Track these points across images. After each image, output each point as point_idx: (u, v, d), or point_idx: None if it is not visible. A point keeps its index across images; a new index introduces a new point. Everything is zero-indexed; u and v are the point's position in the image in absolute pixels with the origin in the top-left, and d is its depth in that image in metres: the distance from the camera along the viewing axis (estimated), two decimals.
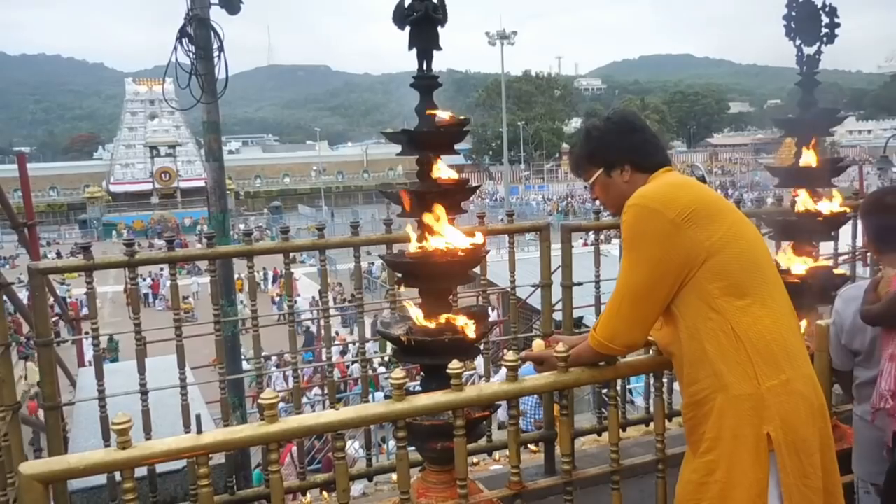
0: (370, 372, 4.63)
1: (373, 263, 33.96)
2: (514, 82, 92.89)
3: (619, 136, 2.34)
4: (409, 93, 3.05)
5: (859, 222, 4.08)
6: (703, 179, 4.45)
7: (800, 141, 4.10)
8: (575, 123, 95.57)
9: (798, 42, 4.19)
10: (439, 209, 2.80)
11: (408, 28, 2.90)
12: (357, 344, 3.97)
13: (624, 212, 2.18)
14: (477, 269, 3.40)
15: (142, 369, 3.50)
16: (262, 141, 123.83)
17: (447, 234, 2.82)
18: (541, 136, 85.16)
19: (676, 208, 2.09)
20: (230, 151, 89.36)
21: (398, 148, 2.99)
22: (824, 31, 4.12)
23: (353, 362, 16.29)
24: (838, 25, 4.11)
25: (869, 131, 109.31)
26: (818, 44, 4.14)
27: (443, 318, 2.85)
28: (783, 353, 2.08)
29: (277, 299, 29.56)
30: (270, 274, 35.27)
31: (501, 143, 55.99)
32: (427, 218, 2.79)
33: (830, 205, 3.99)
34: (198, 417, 3.56)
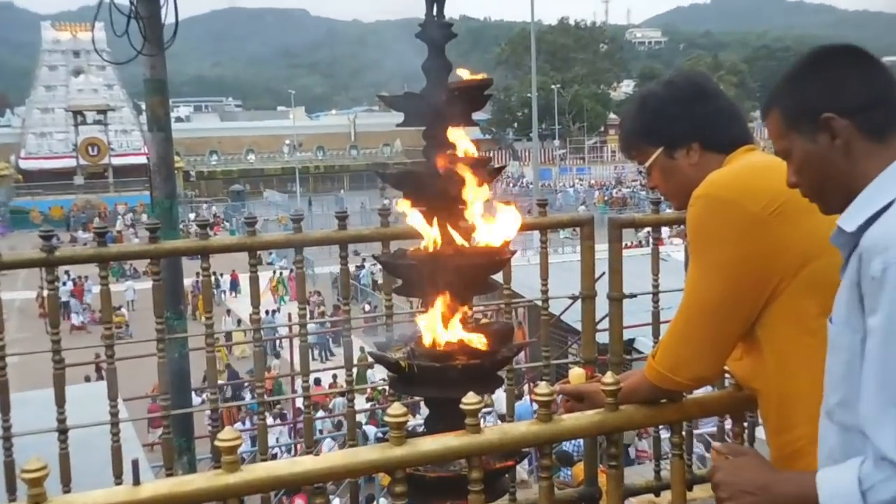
0: (360, 406, 4.64)
1: (360, 266, 34.09)
2: (546, 34, 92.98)
3: (685, 105, 2.34)
4: (411, 46, 3.05)
5: None
6: None
7: None
8: (626, 88, 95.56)
9: None
10: (455, 196, 2.81)
11: None
12: (346, 371, 3.98)
13: (691, 204, 2.17)
14: (499, 276, 3.40)
15: (60, 400, 3.52)
16: (219, 106, 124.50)
17: (463, 229, 2.82)
18: (581, 103, 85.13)
19: (761, 199, 2.09)
20: (178, 119, 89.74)
21: (395, 118, 3.00)
22: None
23: (339, 394, 16.39)
24: None
25: None
26: None
27: (455, 338, 2.86)
28: None
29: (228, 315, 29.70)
30: (227, 279, 35.34)
31: (529, 113, 56.05)
32: (435, 207, 2.80)
33: None
34: (134, 464, 3.58)
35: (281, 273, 34.66)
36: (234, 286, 35.63)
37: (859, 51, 1.72)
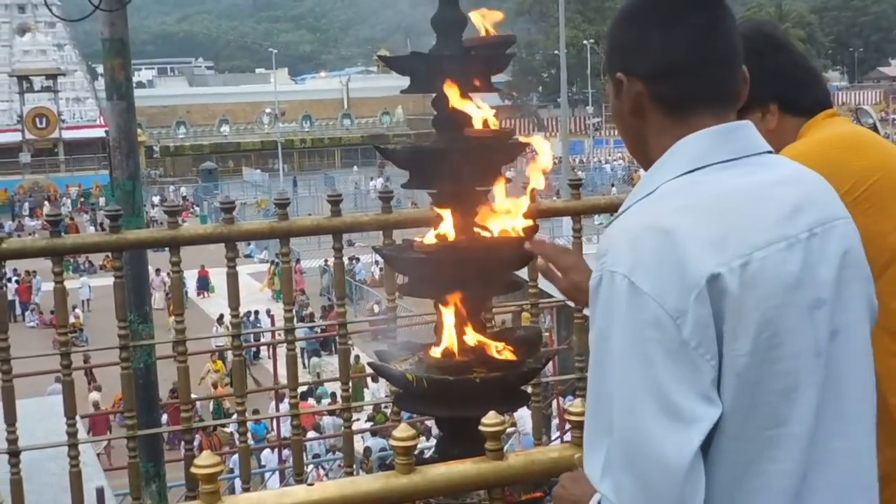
0: (357, 425, 4.66)
1: (356, 259, 34.12)
2: None
3: (759, 57, 2.29)
4: None
5: None
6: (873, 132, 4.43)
7: None
8: None
9: None
10: (472, 177, 2.81)
11: None
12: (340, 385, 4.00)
13: None
14: (523, 272, 3.41)
15: (10, 417, 3.54)
16: (187, 69, 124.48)
17: (482, 216, 2.83)
18: None
19: (846, 179, 2.07)
20: (140, 84, 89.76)
21: (397, 81, 3.01)
22: None
23: (330, 412, 16.44)
24: None
25: None
26: None
27: (472, 347, 2.87)
28: None
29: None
30: (192, 275, 34.53)
31: (557, 74, 55.76)
32: (449, 190, 2.80)
33: None
34: (98, 493, 3.60)
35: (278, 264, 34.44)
36: (204, 284, 34.81)
37: (681, 3, 1.58)
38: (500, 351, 2.85)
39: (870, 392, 1.56)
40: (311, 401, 18.17)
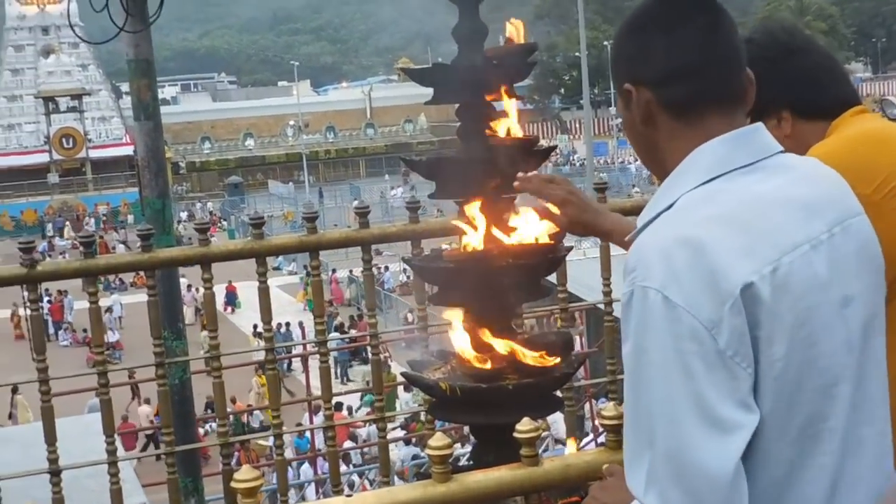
0: (392, 434, 4.68)
1: (385, 268, 34.18)
2: None
3: (770, 65, 2.30)
4: (432, 3, 3.07)
5: None
6: None
7: None
8: None
9: None
10: (499, 185, 2.83)
11: None
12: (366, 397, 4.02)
13: None
14: (552, 276, 3.42)
15: (51, 437, 3.59)
16: (210, 84, 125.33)
17: (510, 224, 2.84)
18: None
19: (874, 178, 2.08)
20: (164, 101, 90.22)
21: (418, 89, 3.03)
22: None
23: (366, 422, 16.46)
24: None
25: None
26: None
27: (504, 352, 2.88)
28: None
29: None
30: (220, 290, 34.90)
31: (578, 76, 55.65)
32: (476, 199, 2.82)
33: None
34: None
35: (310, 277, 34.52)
36: (231, 299, 34.79)
37: (680, 8, 1.61)
38: (532, 357, 2.86)
39: (885, 375, 1.59)
40: (344, 412, 18.23)
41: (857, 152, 2.14)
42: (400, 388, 18.11)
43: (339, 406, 18.41)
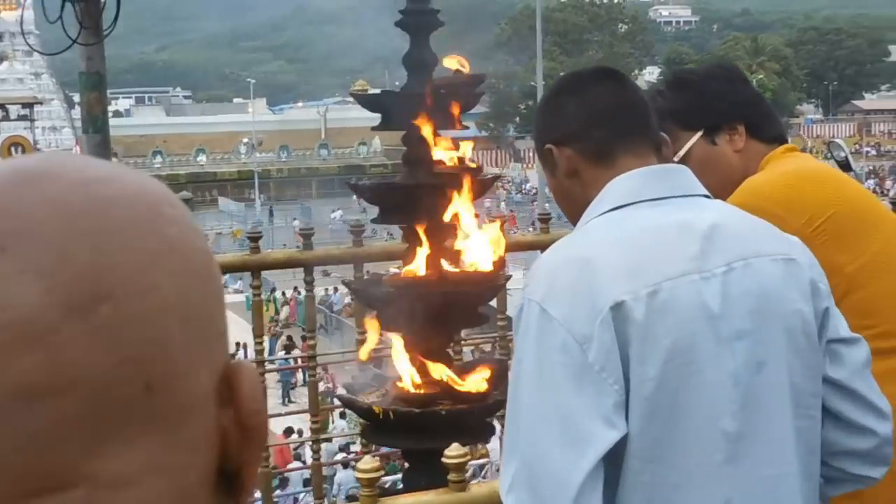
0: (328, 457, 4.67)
1: (334, 289, 33.95)
2: (555, 11, 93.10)
3: (728, 82, 2.36)
4: (391, 28, 3.11)
5: None
6: (846, 166, 4.49)
7: None
8: (650, 76, 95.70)
9: None
10: (441, 213, 2.86)
11: None
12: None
13: None
14: (493, 302, 3.46)
15: None
16: (165, 98, 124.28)
17: (449, 250, 2.88)
18: None
19: (804, 212, 2.13)
20: (117, 113, 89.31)
21: (373, 112, 3.06)
22: None
23: (298, 444, 16.30)
24: None
25: None
26: None
27: (438, 378, 2.91)
28: None
29: None
30: None
31: (534, 105, 55.82)
32: (417, 226, 2.85)
33: None
34: None
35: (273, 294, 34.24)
36: None
37: (589, 76, 1.81)
38: (466, 384, 2.89)
39: (791, 421, 1.59)
40: (294, 435, 18.00)
41: (792, 186, 2.19)
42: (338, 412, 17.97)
43: (289, 429, 18.21)
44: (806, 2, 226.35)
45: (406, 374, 2.94)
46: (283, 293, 33.28)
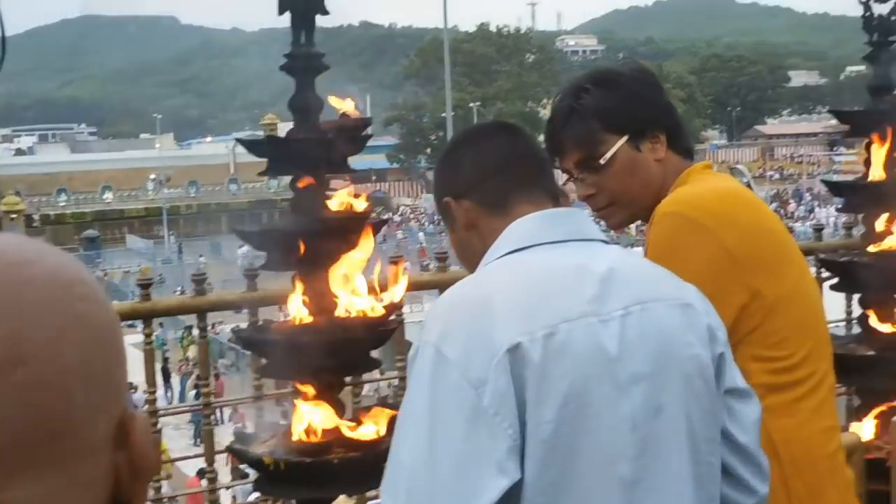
0: None
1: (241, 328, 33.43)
2: (463, 42, 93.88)
3: (653, 89, 2.30)
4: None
5: None
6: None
7: (872, 143, 4.29)
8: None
9: None
10: (328, 258, 2.84)
11: None
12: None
13: (657, 221, 2.15)
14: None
15: None
16: (69, 135, 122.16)
17: (337, 295, 2.86)
18: None
19: (736, 231, 2.12)
20: (20, 151, 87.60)
21: None
22: None
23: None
24: None
25: None
26: None
27: (330, 426, 2.88)
28: (829, 478, 2.18)
29: None
30: None
31: (445, 136, 56.27)
32: (303, 272, 2.83)
33: None
34: None
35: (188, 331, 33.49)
36: None
37: (484, 131, 1.88)
38: (359, 430, 2.87)
39: (689, 467, 1.59)
40: (204, 482, 17.65)
41: (727, 202, 2.18)
42: None
43: (201, 471, 17.84)
44: (707, 30, 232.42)
45: (297, 422, 2.91)
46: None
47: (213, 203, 78.38)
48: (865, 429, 4.06)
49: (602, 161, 2.18)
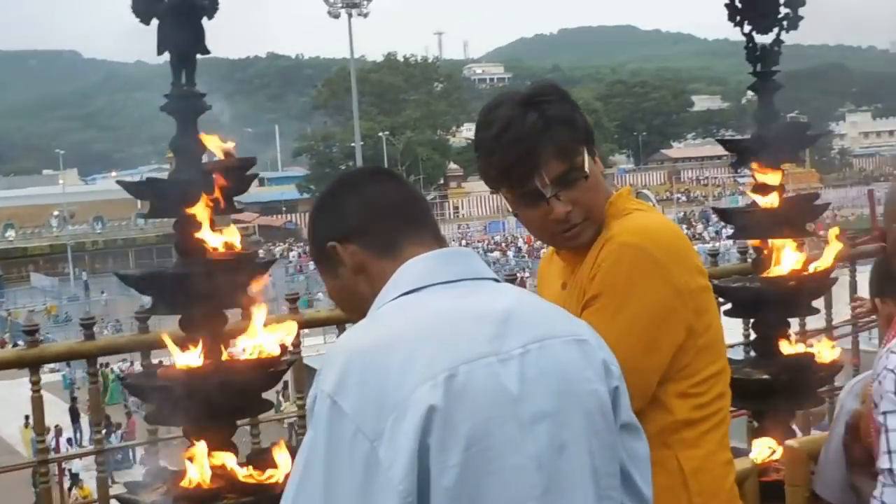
0: None
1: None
2: (371, 72, 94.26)
3: (574, 109, 2.24)
4: (209, 86, 3.06)
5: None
6: None
7: (759, 170, 4.39)
8: (468, 132, 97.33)
9: (747, 28, 4.53)
10: (210, 299, 2.81)
11: (156, 21, 2.94)
12: None
13: (618, 250, 2.13)
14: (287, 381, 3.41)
15: None
16: None
17: (225, 338, 2.83)
18: (415, 152, 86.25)
19: (683, 269, 2.15)
20: None
21: None
22: (784, 10, 4.47)
23: None
24: (802, 3, 4.47)
25: (892, 132, 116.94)
26: (777, 30, 4.49)
27: (223, 470, 2.84)
28: None
29: None
30: None
31: (355, 166, 56.24)
32: (188, 316, 2.79)
33: (817, 262, 4.27)
34: None
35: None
36: None
37: (362, 175, 1.82)
38: (249, 475, 2.83)
39: (593, 503, 1.58)
40: None
41: (681, 239, 2.22)
42: None
43: None
44: (612, 56, 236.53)
45: (189, 468, 2.86)
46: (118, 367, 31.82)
47: (119, 238, 77.18)
48: (761, 451, 4.15)
49: (586, 171, 2.15)
